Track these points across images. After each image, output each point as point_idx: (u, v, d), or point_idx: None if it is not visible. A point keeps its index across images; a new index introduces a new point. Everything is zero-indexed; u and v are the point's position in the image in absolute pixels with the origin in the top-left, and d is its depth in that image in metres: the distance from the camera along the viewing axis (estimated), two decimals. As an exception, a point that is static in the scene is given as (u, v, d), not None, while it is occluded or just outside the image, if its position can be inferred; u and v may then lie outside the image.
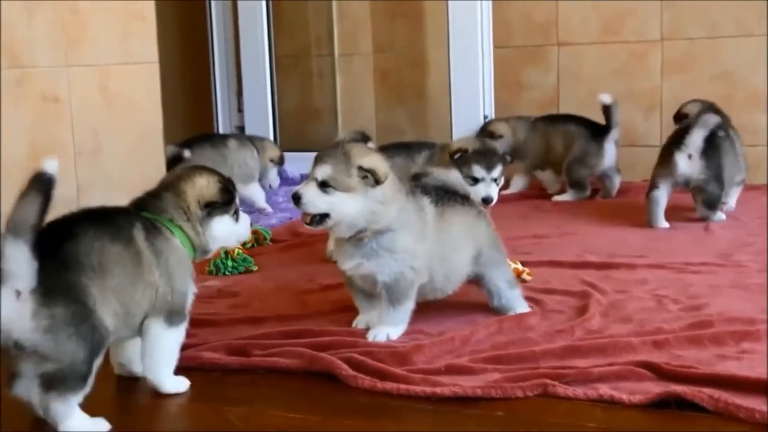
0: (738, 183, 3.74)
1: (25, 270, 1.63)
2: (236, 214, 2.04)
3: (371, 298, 2.29)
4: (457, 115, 4.65)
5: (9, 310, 1.64)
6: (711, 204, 3.52)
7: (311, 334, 2.24)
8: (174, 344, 1.93)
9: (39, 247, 1.65)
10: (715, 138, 3.49)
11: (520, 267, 2.73)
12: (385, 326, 2.22)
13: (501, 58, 4.71)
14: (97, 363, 1.75)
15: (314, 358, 2.05)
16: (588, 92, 4.24)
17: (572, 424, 1.73)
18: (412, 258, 2.21)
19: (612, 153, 4.16)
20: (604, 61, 4.57)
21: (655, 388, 1.83)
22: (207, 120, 5.26)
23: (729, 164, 3.56)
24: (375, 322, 2.26)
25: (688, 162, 3.45)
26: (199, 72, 5.30)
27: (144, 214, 1.92)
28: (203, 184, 1.97)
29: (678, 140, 3.47)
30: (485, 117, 4.61)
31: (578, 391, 1.84)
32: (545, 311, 2.41)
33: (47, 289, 1.67)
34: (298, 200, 2.15)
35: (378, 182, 2.14)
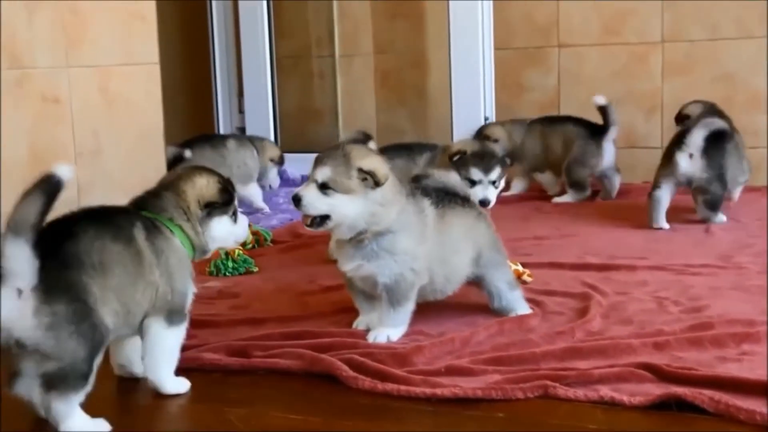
0: (741, 183, 3.74)
1: (26, 268, 1.63)
2: (235, 215, 2.04)
3: (372, 300, 2.29)
4: (458, 117, 4.64)
5: (10, 309, 1.64)
6: (712, 204, 3.52)
7: (312, 336, 2.24)
8: (174, 344, 1.93)
9: (40, 246, 1.65)
10: (719, 139, 3.49)
11: (521, 268, 2.72)
12: (386, 327, 2.22)
13: (502, 60, 4.71)
14: (98, 361, 1.75)
15: (315, 360, 2.05)
16: (589, 94, 4.23)
17: (573, 426, 1.73)
18: (413, 260, 2.21)
19: (611, 152, 4.16)
20: (605, 63, 4.57)
21: (656, 390, 1.83)
22: (208, 121, 5.26)
23: (732, 165, 3.56)
24: (375, 324, 2.26)
25: (690, 161, 3.46)
26: (200, 73, 5.30)
27: (144, 214, 1.92)
28: (203, 185, 1.97)
29: (680, 140, 3.49)
30: (486, 118, 4.62)
31: (579, 393, 1.84)
32: (546, 313, 2.41)
33: (48, 287, 1.67)
34: (298, 202, 2.15)
35: (378, 184, 2.14)
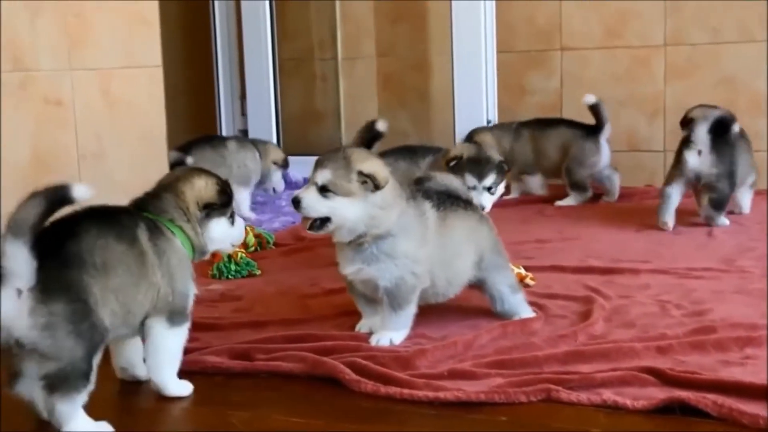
0: (750, 186, 3.73)
1: (24, 269, 1.64)
2: (232, 217, 2.04)
3: (374, 303, 2.28)
4: (460, 120, 4.64)
5: (9, 309, 1.65)
6: (718, 204, 3.50)
7: (314, 339, 2.24)
8: (177, 345, 1.93)
9: (41, 245, 1.66)
10: (726, 133, 3.49)
11: (523, 272, 2.72)
12: (388, 331, 2.22)
13: (504, 63, 4.71)
14: (97, 360, 1.75)
15: (317, 363, 2.05)
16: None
17: (576, 430, 1.73)
18: (413, 263, 2.20)
19: (607, 150, 4.17)
20: (607, 66, 4.57)
21: (659, 394, 1.83)
22: (210, 123, 5.26)
23: (743, 163, 3.55)
24: (378, 327, 2.25)
25: (698, 158, 3.45)
26: (203, 75, 5.30)
27: (146, 215, 1.92)
28: (201, 186, 1.98)
29: (687, 139, 3.48)
30: (488, 121, 4.61)
31: (582, 397, 1.84)
32: (548, 316, 2.41)
33: (46, 287, 1.67)
34: (298, 204, 2.15)
35: (378, 187, 2.13)
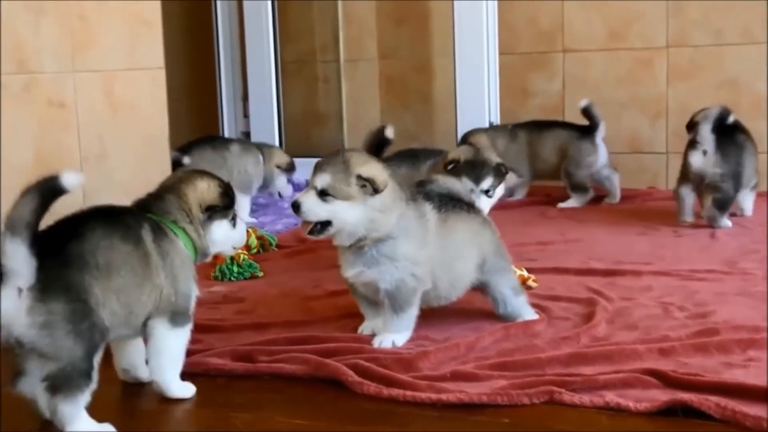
0: (752, 188, 3.72)
1: (23, 267, 1.64)
2: (234, 220, 2.04)
3: (376, 305, 2.28)
4: (463, 122, 4.63)
5: (9, 308, 1.65)
6: (721, 204, 3.49)
7: (317, 341, 2.24)
8: (179, 346, 1.93)
9: (44, 244, 1.67)
10: (737, 136, 3.48)
11: (526, 274, 2.72)
12: (390, 333, 2.22)
13: (506, 65, 4.71)
14: (98, 359, 1.75)
15: (320, 365, 2.05)
16: (593, 99, 4.22)
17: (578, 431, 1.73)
18: (413, 265, 2.20)
19: (604, 149, 4.17)
20: (610, 68, 4.57)
21: (662, 396, 1.83)
22: (213, 125, 5.26)
23: (749, 165, 3.55)
24: (380, 329, 2.26)
25: (703, 158, 3.45)
26: (205, 77, 5.30)
27: (149, 216, 1.92)
28: (204, 188, 1.98)
29: (692, 141, 3.48)
30: (491, 123, 4.61)
31: (584, 399, 1.84)
32: (551, 318, 2.41)
33: (46, 286, 1.67)
34: (298, 209, 2.15)
35: (377, 191, 2.13)
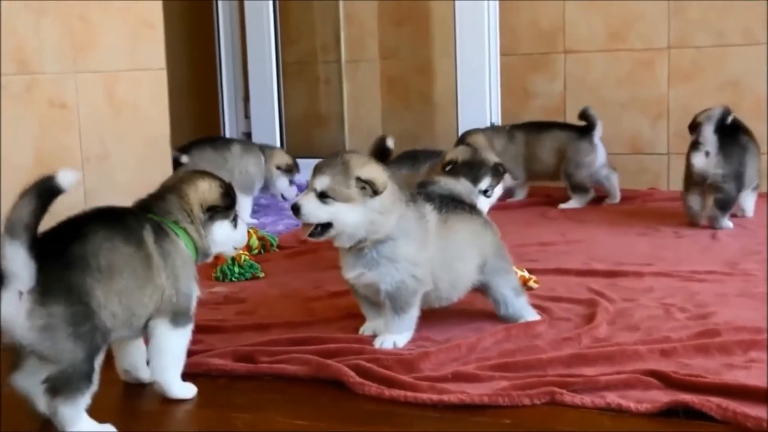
0: (754, 188, 3.71)
1: (23, 270, 1.64)
2: (235, 221, 2.04)
3: (377, 306, 2.28)
4: (464, 123, 4.63)
5: (10, 311, 1.65)
6: (723, 204, 3.49)
7: (318, 341, 2.24)
8: (180, 346, 1.93)
9: (46, 246, 1.67)
10: (740, 136, 3.48)
11: (527, 275, 2.72)
12: (392, 334, 2.22)
13: (508, 66, 4.71)
14: (99, 361, 1.75)
15: (321, 365, 2.05)
16: (595, 100, 4.23)
17: (580, 433, 1.73)
18: (413, 266, 2.20)
19: (602, 149, 4.17)
20: (611, 69, 4.57)
21: (663, 397, 1.83)
22: (214, 126, 5.27)
23: (752, 166, 3.55)
24: (382, 330, 2.26)
25: (705, 159, 3.45)
26: (206, 78, 5.30)
27: (150, 216, 1.92)
28: (205, 188, 1.98)
29: (695, 143, 3.48)
30: (492, 124, 4.61)
31: (586, 400, 1.84)
32: (552, 319, 2.41)
33: (46, 289, 1.67)
34: (298, 211, 2.16)
35: (377, 192, 2.14)
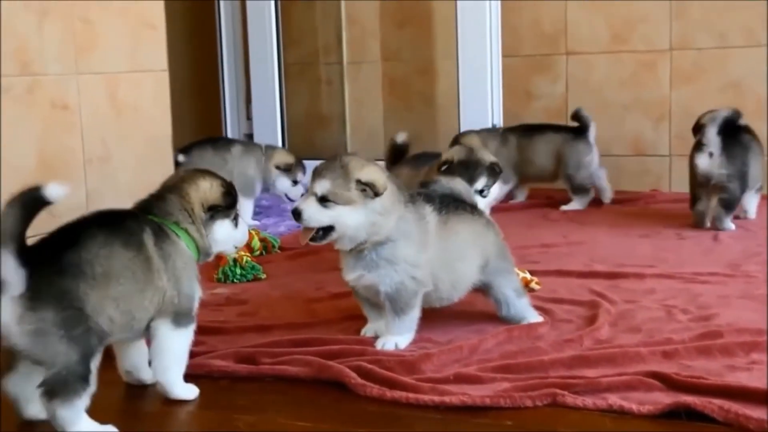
0: (758, 190, 3.71)
1: (13, 277, 1.64)
2: (236, 220, 2.04)
3: (378, 307, 2.28)
4: (465, 124, 4.63)
5: (5, 318, 1.65)
6: (728, 204, 3.49)
7: (320, 343, 2.24)
8: (182, 346, 1.93)
9: (41, 253, 1.68)
10: (742, 137, 3.48)
11: (528, 276, 2.72)
12: (393, 335, 2.22)
13: (509, 67, 4.71)
14: (96, 363, 1.74)
15: (323, 367, 2.05)
16: (597, 101, 4.23)
17: (581, 434, 1.73)
18: (413, 267, 2.20)
19: (596, 149, 4.16)
20: (613, 71, 4.56)
21: (665, 399, 1.82)
22: (216, 127, 5.27)
23: (755, 166, 3.55)
24: (383, 331, 2.26)
25: (709, 160, 3.45)
26: (208, 79, 5.31)
27: (150, 218, 1.92)
28: (206, 188, 1.98)
29: (698, 144, 3.48)
30: (494, 125, 4.61)
31: (587, 401, 1.84)
32: (554, 321, 2.40)
33: (36, 294, 1.66)
34: (299, 216, 2.15)
35: (377, 194, 2.13)
